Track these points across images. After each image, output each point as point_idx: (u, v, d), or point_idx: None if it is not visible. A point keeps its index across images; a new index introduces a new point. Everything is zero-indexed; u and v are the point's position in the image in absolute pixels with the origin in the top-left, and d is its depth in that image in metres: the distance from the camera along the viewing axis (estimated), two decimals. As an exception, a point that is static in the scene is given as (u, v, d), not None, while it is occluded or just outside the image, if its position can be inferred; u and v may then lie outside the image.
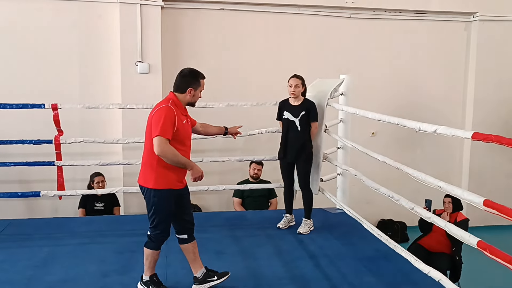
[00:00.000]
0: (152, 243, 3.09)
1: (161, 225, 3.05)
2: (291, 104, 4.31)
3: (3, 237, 4.21)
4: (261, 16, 6.35)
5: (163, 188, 2.99)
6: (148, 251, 3.10)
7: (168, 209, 3.04)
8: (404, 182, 4.64)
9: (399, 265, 3.54)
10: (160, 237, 3.08)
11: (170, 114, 2.92)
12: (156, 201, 3.00)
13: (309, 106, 4.26)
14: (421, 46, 6.83)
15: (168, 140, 2.90)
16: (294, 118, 4.25)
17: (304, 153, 4.28)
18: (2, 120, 5.47)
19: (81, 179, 5.74)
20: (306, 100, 4.31)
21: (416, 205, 3.25)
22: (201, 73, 3.17)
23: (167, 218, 3.07)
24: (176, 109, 2.98)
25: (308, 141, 4.30)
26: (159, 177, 2.98)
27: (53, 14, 5.80)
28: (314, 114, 4.27)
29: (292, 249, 3.99)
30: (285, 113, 4.32)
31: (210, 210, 6.41)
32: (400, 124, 3.31)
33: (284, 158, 4.38)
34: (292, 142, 4.29)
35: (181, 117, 3.02)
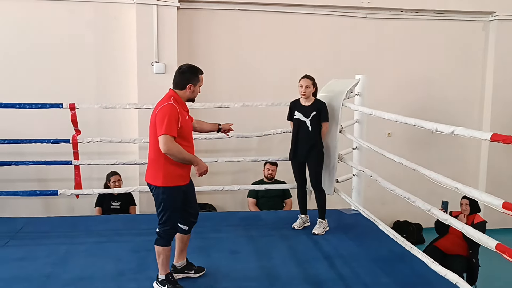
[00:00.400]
0: (161, 239, 3.14)
1: (170, 221, 3.11)
2: (302, 104, 4.31)
3: (21, 234, 4.28)
4: (277, 17, 6.35)
5: (171, 185, 3.06)
6: (159, 248, 3.13)
7: (176, 205, 3.12)
8: (419, 183, 4.60)
9: (415, 267, 3.50)
10: (169, 233, 3.14)
11: (173, 112, 2.97)
12: (165, 198, 3.07)
13: (320, 106, 4.25)
14: (438, 46, 6.76)
15: (173, 138, 2.96)
16: (305, 118, 4.25)
17: (315, 153, 4.27)
18: (21, 120, 5.56)
19: (98, 178, 5.80)
20: (317, 100, 4.30)
21: (432, 207, 3.22)
22: (199, 68, 3.21)
23: (175, 214, 3.14)
24: (179, 106, 3.03)
25: (319, 141, 4.29)
26: (167, 174, 3.04)
27: (70, 15, 5.87)
28: (325, 114, 4.26)
29: (307, 249, 3.98)
30: (296, 113, 4.31)
31: (224, 210, 6.44)
32: (417, 125, 3.28)
33: (295, 159, 4.38)
34: (303, 142, 4.28)
35: (183, 114, 3.08)
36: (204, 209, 6.25)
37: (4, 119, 5.55)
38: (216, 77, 6.27)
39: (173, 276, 3.21)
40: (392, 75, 6.64)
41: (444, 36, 6.76)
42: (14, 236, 4.21)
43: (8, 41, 5.79)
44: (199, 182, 6.04)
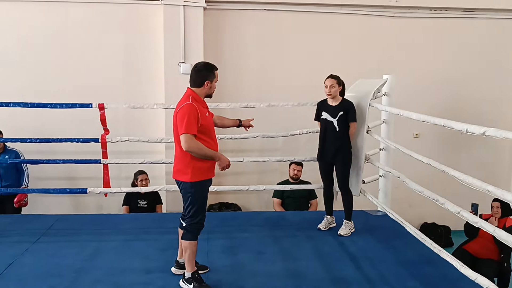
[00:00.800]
0: (188, 233, 3.19)
1: (198, 215, 3.18)
2: (329, 104, 4.28)
3: (52, 231, 4.39)
4: (303, 16, 6.32)
5: (199, 180, 3.16)
6: (186, 242, 3.19)
7: (203, 199, 3.24)
8: (448, 185, 4.51)
9: (444, 271, 3.45)
10: (196, 227, 3.20)
11: (193, 111, 3.06)
12: (193, 192, 3.16)
13: (347, 106, 4.21)
14: (469, 45, 6.60)
15: (194, 136, 3.04)
16: (332, 119, 4.22)
17: (342, 154, 4.24)
18: (52, 119, 5.71)
19: (126, 177, 5.89)
20: (345, 100, 4.27)
21: (462, 209, 3.15)
22: (214, 65, 3.31)
23: (203, 208, 3.23)
24: (197, 104, 3.11)
25: (347, 142, 4.25)
26: (195, 170, 3.14)
27: (101, 16, 5.99)
28: (352, 114, 4.22)
29: (333, 250, 3.96)
30: (323, 114, 4.29)
31: (249, 210, 6.45)
32: (446, 126, 3.21)
33: (322, 159, 4.35)
34: (330, 143, 4.25)
35: (203, 111, 3.16)
36: (229, 209, 6.29)
37: (36, 119, 5.73)
38: (242, 77, 6.30)
39: (199, 274, 3.24)
40: (420, 74, 6.53)
41: (475, 34, 6.60)
42: (46, 233, 4.32)
43: (42, 43, 5.94)
44: (225, 182, 6.12)
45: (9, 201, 5.34)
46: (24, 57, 5.94)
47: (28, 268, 3.56)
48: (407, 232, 4.00)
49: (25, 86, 5.86)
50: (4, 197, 5.37)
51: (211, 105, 5.11)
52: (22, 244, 4.01)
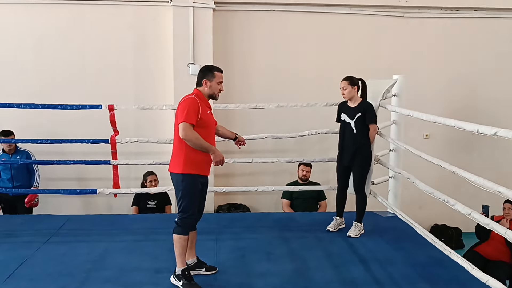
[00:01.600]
0: (178, 227, 3.22)
1: (188, 209, 3.20)
2: (348, 105, 4.26)
3: (63, 231, 4.42)
4: (312, 17, 6.31)
5: (191, 173, 3.19)
6: (175, 236, 3.21)
7: (195, 193, 3.22)
8: (458, 186, 4.49)
9: (455, 273, 3.41)
10: (187, 221, 3.22)
11: (194, 103, 3.15)
12: (184, 185, 3.18)
13: (365, 108, 4.17)
14: (480, 45, 6.54)
15: (192, 126, 3.10)
16: (350, 120, 4.19)
17: (360, 157, 4.20)
18: (62, 120, 5.75)
19: (135, 177, 5.93)
20: (363, 101, 4.23)
21: (473, 211, 3.12)
22: (216, 67, 3.37)
23: (194, 202, 3.23)
24: (200, 100, 3.21)
25: (365, 144, 4.21)
26: (187, 162, 3.18)
27: (110, 18, 6.03)
28: (370, 116, 4.17)
29: (342, 252, 3.94)
30: (342, 115, 4.27)
31: (258, 211, 6.45)
32: (457, 127, 3.18)
33: (341, 161, 4.32)
34: (348, 145, 4.23)
35: (205, 108, 3.23)
36: (238, 210, 6.29)
37: (46, 120, 5.77)
38: (251, 78, 6.30)
39: (190, 272, 3.26)
40: (430, 75, 6.48)
41: (486, 34, 6.54)
42: (56, 233, 4.35)
43: (52, 44, 6.00)
44: (234, 183, 6.12)
45: (20, 201, 5.40)
46: (35, 58, 6.00)
47: (39, 267, 3.58)
48: (417, 233, 3.97)
49: (36, 87, 5.91)
50: (15, 197, 5.42)
51: (220, 106, 5.15)
52: (33, 244, 4.04)
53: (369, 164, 4.29)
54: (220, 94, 3.37)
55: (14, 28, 5.96)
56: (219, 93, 3.34)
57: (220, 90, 3.33)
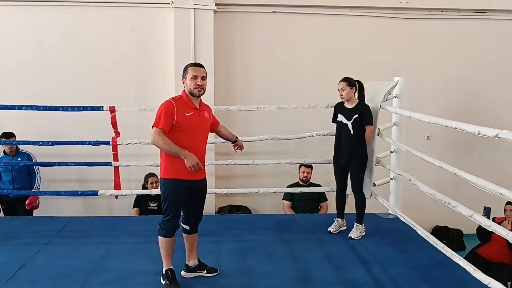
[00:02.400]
0: (161, 229, 3.25)
1: (168, 213, 3.21)
2: (345, 106, 4.26)
3: (64, 233, 4.42)
4: (313, 18, 6.31)
5: (171, 177, 3.18)
6: (159, 238, 3.26)
7: (175, 198, 3.20)
8: (459, 188, 4.49)
9: (456, 275, 3.41)
10: (167, 224, 3.22)
11: (167, 108, 3.11)
12: (165, 189, 3.20)
13: (362, 109, 4.18)
14: (481, 46, 6.54)
15: (162, 131, 3.08)
16: (347, 121, 4.20)
17: (357, 157, 4.21)
18: (63, 122, 5.75)
19: (136, 179, 5.93)
20: (360, 103, 4.24)
21: (474, 212, 3.11)
22: (191, 63, 3.34)
23: (174, 207, 3.22)
24: (179, 103, 3.15)
25: (362, 145, 4.22)
26: (168, 167, 3.18)
27: (111, 20, 6.04)
28: (367, 117, 4.18)
29: (343, 254, 3.93)
30: (339, 116, 4.27)
31: (259, 212, 6.44)
32: (458, 128, 3.18)
33: (338, 162, 4.33)
34: (345, 146, 4.23)
35: (185, 110, 3.14)
36: (239, 211, 6.29)
37: (48, 122, 5.77)
38: (253, 80, 6.30)
39: (173, 273, 3.29)
40: (431, 76, 6.48)
41: (487, 35, 6.54)
42: (57, 235, 4.35)
43: (54, 46, 6.00)
44: (235, 184, 6.11)
45: (20, 204, 5.40)
46: (36, 60, 6.00)
47: (39, 270, 3.58)
48: (418, 235, 3.97)
49: (37, 89, 5.92)
50: (16, 199, 5.42)
51: (221, 108, 5.15)
52: (33, 246, 4.04)
53: (365, 164, 4.29)
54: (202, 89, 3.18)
55: (16, 30, 5.96)
56: (197, 88, 3.16)
57: (197, 85, 3.15)
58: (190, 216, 3.38)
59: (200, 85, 3.18)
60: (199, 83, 3.17)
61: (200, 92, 3.20)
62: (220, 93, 6.09)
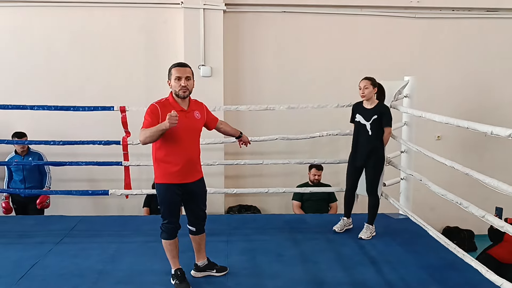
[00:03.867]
0: (162, 233, 3.28)
1: (166, 216, 3.24)
2: (364, 107, 4.23)
3: (75, 232, 4.45)
4: (323, 18, 6.29)
5: (162, 182, 3.18)
6: (163, 241, 3.29)
7: (169, 201, 3.21)
8: (470, 188, 4.44)
9: (468, 276, 3.38)
10: (167, 227, 3.25)
11: (151, 110, 3.10)
12: (159, 193, 3.23)
13: (382, 110, 4.15)
14: (493, 46, 6.47)
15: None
16: (366, 122, 4.17)
17: (374, 158, 4.18)
18: (74, 122, 5.80)
19: (146, 179, 5.95)
20: (380, 103, 4.20)
21: (487, 213, 3.08)
22: (175, 63, 3.25)
23: (170, 210, 3.22)
24: (164, 106, 3.10)
25: (379, 147, 4.19)
26: (158, 172, 3.19)
27: (121, 20, 6.07)
28: (387, 119, 4.15)
29: (353, 254, 3.91)
30: (357, 116, 4.24)
31: (269, 212, 6.44)
32: (470, 128, 3.15)
33: (354, 162, 4.30)
34: (362, 146, 4.20)
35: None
36: (248, 211, 6.29)
37: (59, 122, 5.82)
38: (262, 80, 6.30)
39: (182, 272, 3.32)
40: (442, 76, 6.43)
41: (498, 34, 6.47)
42: (68, 234, 4.39)
43: (65, 47, 6.04)
44: (244, 184, 6.11)
45: (32, 203, 5.45)
46: (48, 61, 6.05)
47: (51, 268, 3.61)
48: (429, 235, 3.94)
49: (48, 90, 5.96)
50: (27, 198, 5.47)
51: (231, 107, 5.16)
52: (45, 245, 4.08)
53: (382, 166, 4.26)
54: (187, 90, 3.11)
55: (27, 31, 6.01)
56: (181, 90, 3.09)
57: (182, 86, 3.08)
58: (194, 218, 3.38)
59: (185, 86, 3.10)
60: (183, 83, 3.10)
61: (185, 93, 3.12)
62: (230, 93, 6.10)
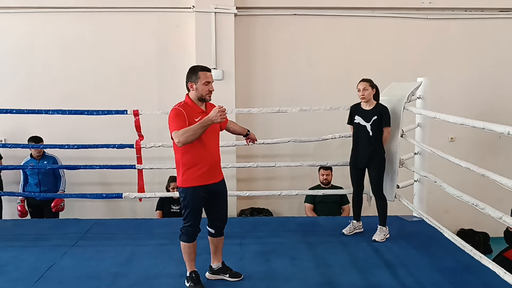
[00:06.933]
0: (182, 235, 3.28)
1: (189, 219, 3.23)
2: (363, 108, 4.23)
3: (89, 235, 4.49)
4: (334, 20, 6.28)
5: (188, 186, 3.18)
6: (181, 243, 3.29)
7: (194, 205, 3.21)
8: (485, 190, 4.40)
9: (485, 278, 3.34)
10: (188, 230, 3.25)
11: (177, 113, 3.08)
12: (184, 196, 3.21)
13: (381, 111, 4.15)
14: (506, 46, 6.41)
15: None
16: (366, 123, 4.17)
17: (375, 159, 4.18)
18: (88, 126, 5.86)
19: (159, 182, 5.98)
20: (379, 104, 4.21)
21: (504, 214, 3.04)
22: (200, 66, 3.23)
23: (194, 213, 3.23)
24: (186, 109, 3.11)
25: (380, 147, 4.19)
26: (185, 176, 3.18)
27: (134, 25, 6.13)
28: (386, 119, 4.15)
29: (367, 257, 3.89)
30: (356, 118, 4.24)
31: (280, 215, 6.43)
32: (486, 129, 3.10)
33: (355, 164, 4.30)
34: (363, 148, 4.20)
35: (193, 115, 3.09)
36: (261, 214, 6.29)
37: (73, 126, 5.88)
38: (274, 82, 6.31)
39: (197, 275, 3.33)
40: (455, 77, 6.39)
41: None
42: (83, 237, 4.42)
43: (78, 52, 6.11)
44: (256, 187, 6.11)
45: (47, 206, 5.51)
46: (61, 65, 6.13)
47: (67, 271, 3.65)
48: (444, 238, 3.89)
49: (63, 94, 6.03)
50: (42, 201, 5.54)
51: (243, 110, 5.17)
52: (61, 247, 4.12)
53: (384, 166, 4.25)
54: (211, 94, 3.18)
55: (41, 36, 6.10)
56: (208, 94, 3.15)
57: (210, 91, 3.14)
58: (214, 220, 3.39)
59: (212, 91, 3.17)
60: (211, 89, 3.17)
61: (210, 97, 3.19)
62: (241, 96, 6.11)
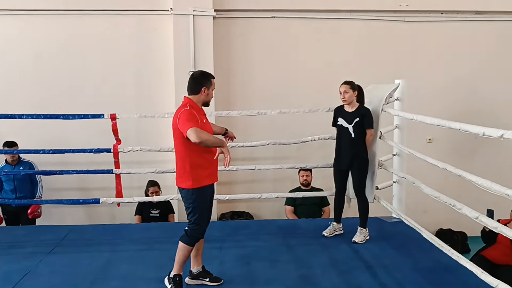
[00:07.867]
0: (186, 237, 3.24)
1: (199, 221, 3.23)
2: (345, 110, 4.25)
3: (66, 242, 4.39)
4: (312, 23, 6.31)
5: (199, 186, 3.19)
6: (182, 245, 3.24)
7: (205, 204, 3.26)
8: (461, 190, 4.45)
9: (463, 278, 3.38)
10: (195, 233, 3.24)
11: (192, 113, 3.14)
12: (194, 198, 3.19)
13: (363, 113, 4.18)
14: (481, 48, 6.54)
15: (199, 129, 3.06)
16: (348, 125, 4.19)
17: (358, 161, 4.20)
18: (64, 130, 5.75)
19: (138, 186, 5.91)
20: (361, 106, 4.23)
21: (480, 214, 3.08)
22: (211, 74, 3.34)
23: (205, 213, 3.26)
24: (195, 110, 3.19)
25: (363, 149, 4.21)
26: (193, 177, 3.17)
27: (112, 27, 6.05)
28: (368, 121, 4.18)
29: (347, 258, 3.90)
30: (339, 120, 4.26)
31: (261, 218, 6.41)
32: (462, 129, 3.15)
33: (338, 166, 4.32)
34: (346, 149, 4.22)
35: (201, 117, 3.21)
36: (241, 217, 6.26)
37: (49, 130, 5.77)
38: (253, 85, 6.30)
39: (180, 279, 3.28)
40: (432, 78, 6.47)
41: (486, 37, 6.53)
42: (59, 244, 4.33)
43: (53, 55, 6.00)
44: (236, 190, 6.08)
45: (23, 213, 5.38)
46: (36, 68, 6.01)
47: (43, 278, 3.56)
48: (423, 238, 3.93)
49: (38, 98, 5.92)
50: (18, 208, 5.42)
51: (222, 113, 5.14)
52: (36, 255, 4.02)
53: (367, 167, 4.27)
54: None
55: (15, 40, 5.97)
56: (210, 100, 3.35)
57: (212, 96, 3.36)
58: None
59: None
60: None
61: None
62: (221, 99, 6.07)
